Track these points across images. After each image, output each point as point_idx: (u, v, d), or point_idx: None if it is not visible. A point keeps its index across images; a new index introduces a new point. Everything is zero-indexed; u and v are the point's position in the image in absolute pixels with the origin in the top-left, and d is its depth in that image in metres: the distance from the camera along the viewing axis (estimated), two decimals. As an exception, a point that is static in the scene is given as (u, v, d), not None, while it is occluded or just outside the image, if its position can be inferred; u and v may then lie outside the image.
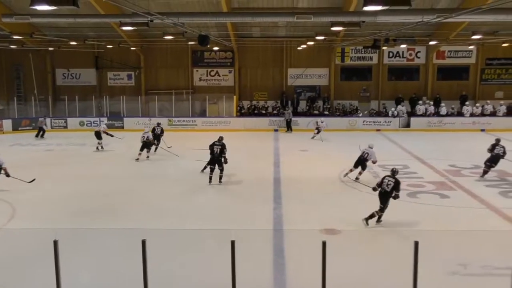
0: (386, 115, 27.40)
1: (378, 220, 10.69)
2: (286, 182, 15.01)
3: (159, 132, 20.12)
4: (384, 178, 10.81)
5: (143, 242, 6.01)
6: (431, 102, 27.59)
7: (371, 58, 28.89)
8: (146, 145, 18.40)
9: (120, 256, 8.68)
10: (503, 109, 27.16)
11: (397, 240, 9.80)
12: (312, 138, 23.82)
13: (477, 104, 27.53)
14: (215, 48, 27.92)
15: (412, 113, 27.56)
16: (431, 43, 25.82)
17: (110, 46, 27.38)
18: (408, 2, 10.06)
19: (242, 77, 29.40)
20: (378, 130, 26.48)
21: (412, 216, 11.48)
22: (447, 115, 27.13)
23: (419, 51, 28.56)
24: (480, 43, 26.25)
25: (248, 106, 28.66)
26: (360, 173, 15.10)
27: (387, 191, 10.57)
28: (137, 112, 28.02)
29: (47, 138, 24.31)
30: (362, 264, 8.49)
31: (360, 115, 27.70)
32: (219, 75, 29.69)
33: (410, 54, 28.67)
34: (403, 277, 6.29)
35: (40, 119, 25.25)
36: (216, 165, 14.59)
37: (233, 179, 15.38)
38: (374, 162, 15.22)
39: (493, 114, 27.10)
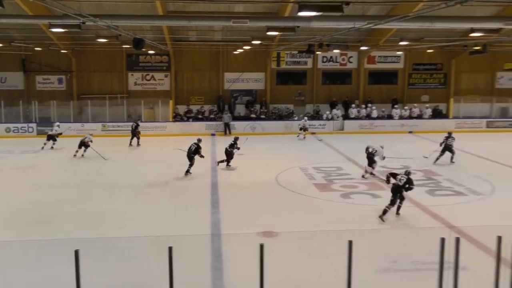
0: (320, 118, 28.08)
1: (397, 213, 11.70)
2: (223, 186, 15.02)
3: (134, 127, 22.79)
4: (398, 174, 12.01)
5: (76, 252, 5.80)
6: (373, 107, 28.44)
7: (305, 63, 29.52)
8: (83, 144, 19.45)
9: (52, 267, 8.32)
10: (428, 111, 28.60)
11: (333, 241, 10.03)
12: (304, 138, 25.20)
13: (406, 107, 28.85)
14: (151, 52, 27.47)
15: (346, 116, 28.42)
16: (362, 48, 26.81)
17: (39, 49, 26.24)
18: (340, 8, 10.38)
19: (179, 81, 29.10)
20: (313, 133, 27.06)
21: (346, 216, 11.83)
22: (378, 118, 28.21)
23: (351, 56, 29.52)
24: (408, 49, 27.52)
25: (185, 110, 28.39)
26: (373, 168, 16.34)
27: (399, 185, 11.61)
28: (69, 118, 27.00)
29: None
30: (299, 265, 8.64)
31: (296, 118, 28.19)
32: (154, 79, 29.22)
33: (343, 59, 29.58)
34: (338, 276, 6.46)
35: None
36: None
37: (170, 185, 15.20)
38: (382, 159, 16.40)
39: (420, 116, 28.48)
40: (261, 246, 5.99)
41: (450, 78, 29.93)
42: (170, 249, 5.89)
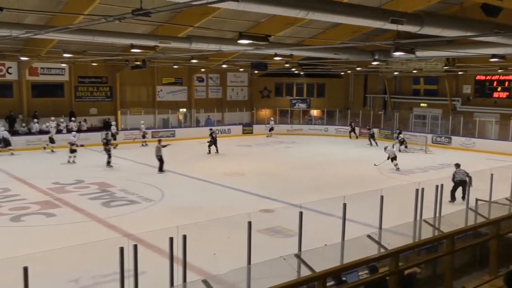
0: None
1: None
2: None
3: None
4: None
5: None
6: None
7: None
8: None
9: None
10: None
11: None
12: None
13: (73, 119, 28.16)
14: None
15: (15, 132, 25.78)
16: (22, 58, 24.87)
17: None
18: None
19: None
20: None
21: (19, 240, 10.81)
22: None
23: (10, 67, 27.06)
24: (72, 61, 27.06)
25: None
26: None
27: None
28: None
29: None
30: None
31: None
32: None
33: (1, 70, 26.83)
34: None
35: None
36: None
37: None
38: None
39: (91, 129, 28.43)
40: None
41: (116, 91, 30.91)
42: None
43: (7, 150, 23.75)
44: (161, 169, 19.45)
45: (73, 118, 28.12)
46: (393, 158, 20.67)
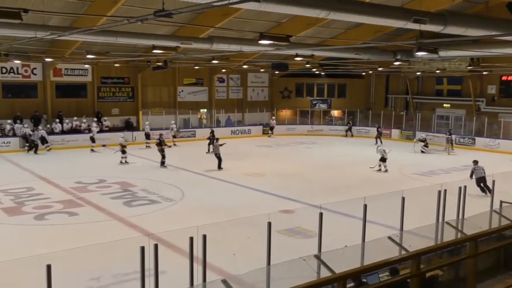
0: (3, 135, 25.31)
1: None
2: None
3: None
4: None
5: None
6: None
7: (-21, 74, 26.07)
8: None
9: None
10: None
11: (26, 269, 9.17)
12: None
13: (95, 119, 28.48)
14: None
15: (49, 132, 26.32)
16: (47, 60, 25.33)
17: None
18: (18, 16, 9.59)
19: None
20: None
21: (42, 239, 10.99)
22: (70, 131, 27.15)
23: (35, 68, 27.55)
24: (95, 62, 27.43)
25: None
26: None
27: None
28: None
29: None
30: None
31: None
32: None
33: (26, 71, 27.35)
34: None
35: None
36: None
37: None
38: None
39: (112, 129, 28.74)
40: None
41: (138, 92, 31.19)
42: None
43: (45, 148, 24.78)
44: (219, 166, 20.03)
45: (94, 119, 28.43)
46: (382, 159, 20.36)
